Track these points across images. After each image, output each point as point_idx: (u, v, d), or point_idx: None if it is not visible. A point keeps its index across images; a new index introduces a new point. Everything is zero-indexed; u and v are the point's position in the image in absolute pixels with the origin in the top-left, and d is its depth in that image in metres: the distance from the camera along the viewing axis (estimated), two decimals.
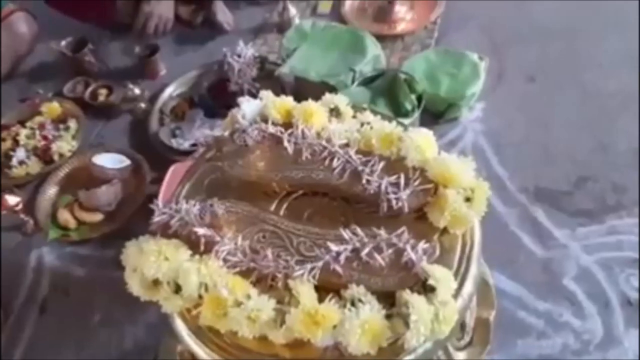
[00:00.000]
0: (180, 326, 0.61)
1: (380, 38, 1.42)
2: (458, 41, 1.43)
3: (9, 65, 1.57)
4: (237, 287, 0.56)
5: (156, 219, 0.66)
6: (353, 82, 1.23)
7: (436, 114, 1.28)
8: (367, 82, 1.24)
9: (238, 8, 1.67)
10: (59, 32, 1.60)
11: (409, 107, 1.17)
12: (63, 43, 1.54)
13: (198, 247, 0.61)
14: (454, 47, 1.36)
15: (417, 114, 1.18)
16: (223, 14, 1.60)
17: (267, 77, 1.36)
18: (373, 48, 1.28)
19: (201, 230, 0.60)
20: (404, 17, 1.52)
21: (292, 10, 1.55)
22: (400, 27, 1.50)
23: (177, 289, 0.57)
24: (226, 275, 0.58)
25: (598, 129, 1.22)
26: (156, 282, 0.59)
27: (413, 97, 1.18)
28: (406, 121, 1.14)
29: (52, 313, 1.06)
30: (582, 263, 1.02)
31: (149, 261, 0.59)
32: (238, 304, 0.55)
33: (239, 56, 1.35)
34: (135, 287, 0.60)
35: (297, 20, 1.53)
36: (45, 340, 1.03)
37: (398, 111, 1.18)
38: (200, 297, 0.57)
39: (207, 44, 1.59)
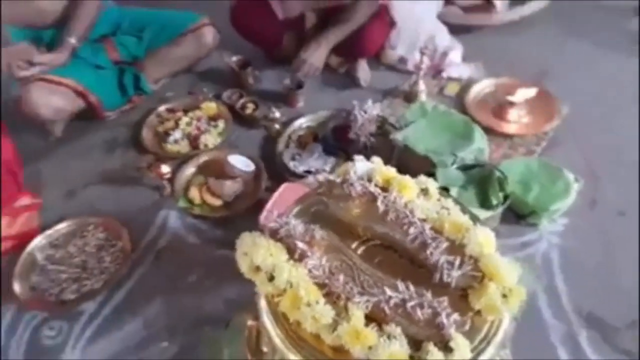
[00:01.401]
0: (263, 306, 0.83)
1: (491, 131, 1.59)
2: (561, 157, 1.53)
3: (189, 63, 1.97)
4: (312, 293, 0.77)
5: (270, 224, 0.90)
6: (453, 164, 1.40)
7: (519, 215, 1.40)
8: (465, 168, 1.40)
9: (377, 69, 1.94)
10: (232, 47, 1.98)
11: (494, 202, 1.31)
12: (234, 59, 1.91)
13: (294, 254, 0.83)
14: (555, 161, 1.48)
15: (500, 210, 1.32)
16: (363, 72, 1.88)
17: (382, 135, 1.60)
18: (480, 141, 1.45)
19: (300, 244, 0.83)
20: (519, 120, 1.66)
21: (422, 85, 1.77)
22: (513, 128, 1.65)
23: (271, 279, 0.80)
24: (307, 282, 0.79)
25: None
26: (258, 268, 0.82)
27: (501, 194, 1.32)
28: (489, 213, 1.30)
29: (163, 262, 1.36)
30: None
31: (259, 252, 0.82)
32: (309, 304, 0.76)
33: (365, 112, 1.60)
34: (243, 266, 0.84)
35: (423, 97, 1.75)
36: (150, 282, 1.32)
37: (484, 202, 1.33)
38: (285, 290, 0.79)
39: (342, 92, 1.86)
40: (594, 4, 2.16)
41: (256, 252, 0.83)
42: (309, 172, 1.52)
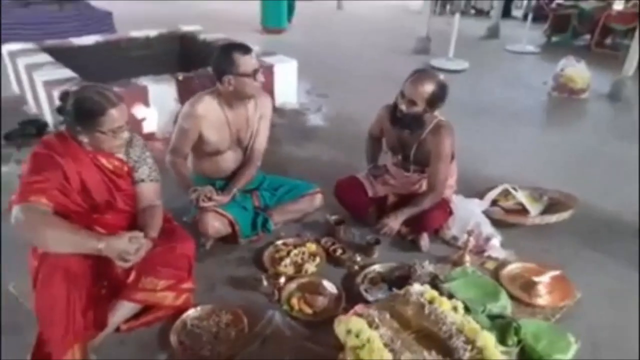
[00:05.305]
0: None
1: (518, 300, 2.13)
2: (569, 327, 2.00)
3: (301, 216, 2.78)
4: (381, 349, 1.34)
5: (359, 310, 1.51)
6: (483, 312, 1.94)
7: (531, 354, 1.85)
8: (491, 317, 1.94)
9: (435, 242, 2.61)
10: (331, 209, 2.79)
11: (510, 342, 1.81)
12: (332, 217, 2.69)
13: (371, 326, 1.42)
14: (563, 329, 1.95)
15: (515, 350, 1.80)
16: (424, 241, 2.56)
17: (432, 287, 2.18)
18: (504, 302, 2.01)
19: (377, 319, 1.42)
20: (540, 295, 2.19)
21: (467, 258, 2.39)
22: (535, 301, 2.16)
23: (357, 336, 1.39)
24: (378, 341, 1.36)
25: None
26: (349, 331, 1.42)
27: (515, 338, 1.82)
28: (506, 350, 1.79)
29: (266, 345, 1.93)
30: None
31: (351, 321, 1.42)
32: (379, 353, 1.33)
33: (423, 267, 2.24)
34: (339, 330, 1.43)
35: (468, 267, 2.36)
36: (254, 358, 1.88)
37: (502, 343, 1.82)
38: (363, 345, 1.36)
39: (407, 253, 2.53)
40: (603, 223, 2.81)
41: (349, 321, 1.44)
42: (376, 301, 2.11)
